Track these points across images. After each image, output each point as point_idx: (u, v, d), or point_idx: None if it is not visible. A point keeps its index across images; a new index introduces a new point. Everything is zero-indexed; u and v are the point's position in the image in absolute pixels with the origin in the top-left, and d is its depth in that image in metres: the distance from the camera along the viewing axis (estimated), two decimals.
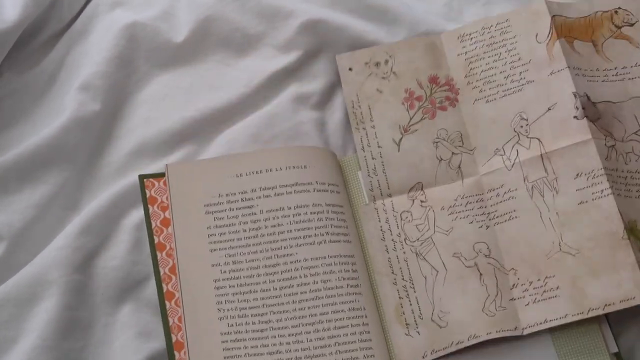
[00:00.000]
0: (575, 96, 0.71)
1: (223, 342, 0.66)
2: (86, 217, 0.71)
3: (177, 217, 0.70)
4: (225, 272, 0.69)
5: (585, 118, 0.70)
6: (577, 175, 0.69)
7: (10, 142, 0.75)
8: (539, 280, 0.67)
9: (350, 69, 0.78)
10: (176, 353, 0.66)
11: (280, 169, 0.72)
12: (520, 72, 0.75)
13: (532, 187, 0.70)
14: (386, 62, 0.78)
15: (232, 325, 0.67)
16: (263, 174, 0.72)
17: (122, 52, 0.79)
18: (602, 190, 0.68)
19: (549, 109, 0.72)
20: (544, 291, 0.67)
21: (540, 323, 0.66)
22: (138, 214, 0.73)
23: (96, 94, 0.76)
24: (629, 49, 0.75)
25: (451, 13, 0.82)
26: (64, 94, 0.77)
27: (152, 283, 0.70)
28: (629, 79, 0.74)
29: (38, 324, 0.67)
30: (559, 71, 0.73)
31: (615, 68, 0.74)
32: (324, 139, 0.77)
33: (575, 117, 0.71)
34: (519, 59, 0.75)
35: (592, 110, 0.71)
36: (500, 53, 0.76)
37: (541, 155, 0.71)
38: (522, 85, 0.74)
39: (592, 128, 0.70)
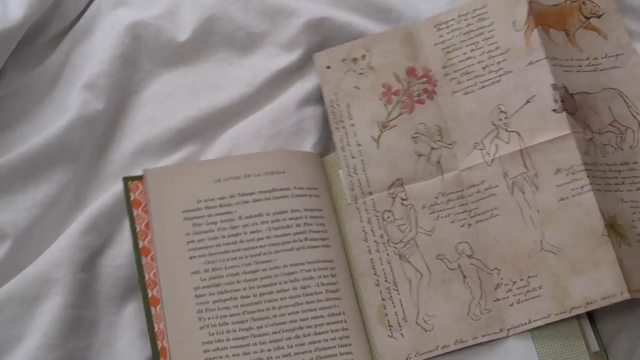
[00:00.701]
0: (554, 88, 0.70)
1: (205, 351, 0.66)
2: (90, 216, 0.71)
3: (156, 223, 0.70)
4: (205, 279, 0.68)
5: (564, 111, 0.69)
6: (557, 171, 0.69)
7: (15, 141, 0.75)
8: (521, 280, 0.67)
9: (328, 67, 0.77)
10: None
11: (259, 174, 0.72)
12: (499, 62, 0.73)
13: (512, 184, 0.70)
14: (363, 57, 0.77)
15: (214, 334, 0.67)
16: (241, 180, 0.72)
17: (126, 51, 0.79)
18: (582, 187, 0.67)
19: (528, 101, 0.71)
20: (527, 291, 0.67)
21: (525, 324, 0.66)
22: None
23: (100, 92, 0.76)
24: (599, 40, 0.74)
25: None
26: (68, 93, 0.77)
27: None
28: (601, 70, 0.73)
29: (43, 322, 0.67)
30: (537, 61, 0.72)
31: (588, 58, 0.73)
32: (326, 136, 0.77)
33: (554, 110, 0.70)
34: (497, 48, 0.74)
35: (570, 103, 0.70)
36: (478, 42, 0.75)
37: (521, 150, 0.70)
38: (500, 75, 0.73)
39: (571, 122, 0.69)
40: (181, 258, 0.69)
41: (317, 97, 0.78)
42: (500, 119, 0.72)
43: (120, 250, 0.71)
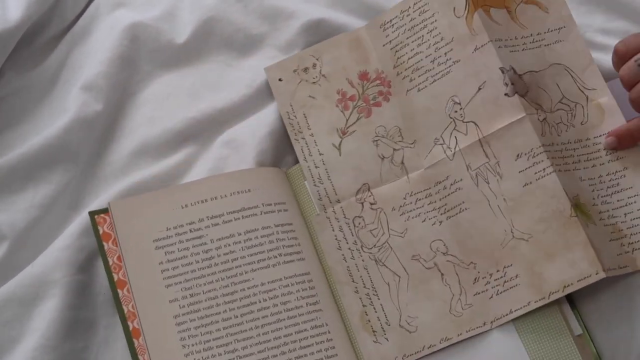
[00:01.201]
0: (502, 71, 0.69)
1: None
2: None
3: (128, 255, 0.69)
4: (184, 306, 0.68)
5: (515, 94, 0.68)
6: (518, 156, 0.68)
7: (13, 141, 0.75)
8: (498, 271, 0.67)
9: (280, 80, 0.77)
10: None
11: (225, 195, 0.71)
12: (446, 53, 0.73)
13: (476, 175, 0.69)
14: (314, 65, 0.76)
15: (199, 359, 0.66)
16: (209, 203, 0.71)
17: (125, 53, 0.79)
18: (544, 169, 0.66)
19: (480, 89, 0.70)
20: (505, 281, 0.66)
21: (506, 314, 0.66)
22: None
23: (99, 94, 0.76)
24: (540, 14, 0.73)
25: None
26: (67, 94, 0.77)
27: None
28: (545, 45, 0.72)
29: (41, 323, 0.67)
30: (482, 46, 0.71)
31: (531, 35, 0.72)
32: None
33: (506, 94, 0.69)
34: (442, 39, 0.73)
35: (520, 84, 0.69)
36: (423, 35, 0.74)
37: (479, 140, 0.69)
38: (450, 66, 0.72)
39: (523, 104, 0.68)
40: (157, 287, 0.68)
41: None
42: (456, 111, 0.71)
43: None
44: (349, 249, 0.71)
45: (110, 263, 0.69)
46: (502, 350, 0.66)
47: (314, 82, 0.76)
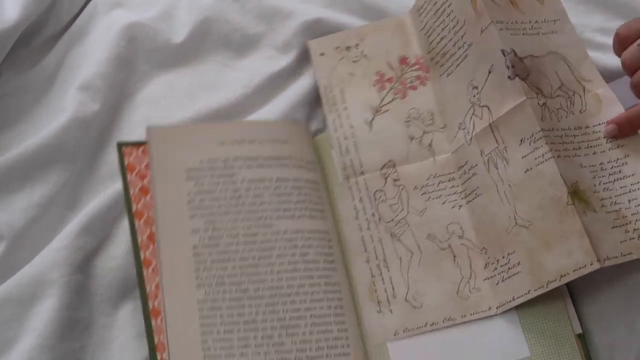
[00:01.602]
0: (503, 54, 0.69)
1: (200, 310, 0.66)
2: (86, 217, 0.71)
3: (158, 181, 0.69)
4: (204, 239, 0.68)
5: (516, 77, 0.68)
6: (521, 141, 0.67)
7: (11, 141, 0.75)
8: (503, 257, 0.67)
9: (322, 54, 0.78)
10: (153, 320, 0.66)
11: (262, 141, 0.72)
12: (462, 36, 0.73)
13: (487, 160, 0.69)
14: (357, 45, 0.78)
15: (210, 293, 0.66)
16: (245, 145, 0.72)
17: (122, 53, 0.79)
18: (542, 155, 0.65)
19: (490, 72, 0.70)
20: (509, 268, 0.66)
21: (509, 301, 0.66)
22: None
23: (96, 94, 0.76)
24: (536, 5, 0.73)
25: None
26: (64, 94, 0.77)
27: None
28: (543, 33, 0.72)
29: (38, 323, 0.67)
30: (486, 28, 0.70)
31: (530, 21, 0.72)
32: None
33: (508, 77, 0.68)
34: (457, 22, 0.73)
35: (521, 67, 0.69)
36: (444, 19, 0.75)
37: (490, 124, 0.69)
38: (466, 50, 0.72)
39: (524, 87, 0.68)
40: (181, 217, 0.69)
41: (313, 99, 0.78)
42: (474, 95, 0.71)
43: (116, 251, 0.71)
44: (367, 219, 0.71)
45: (131, 193, 0.70)
46: (502, 338, 0.66)
47: (354, 61, 0.77)
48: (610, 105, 0.69)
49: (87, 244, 0.71)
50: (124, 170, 0.71)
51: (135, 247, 0.68)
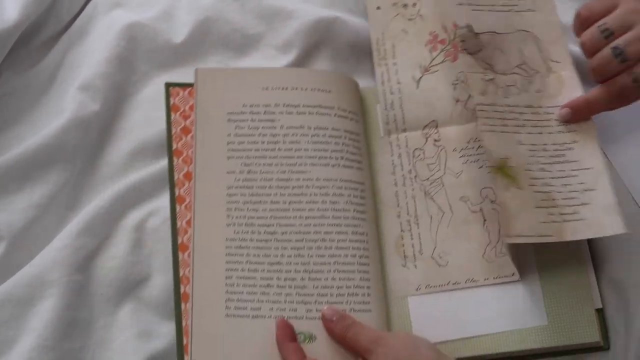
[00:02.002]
0: (455, 28, 0.72)
1: (227, 247, 0.68)
2: (86, 217, 0.71)
3: (200, 122, 0.72)
4: (239, 180, 0.70)
5: (464, 51, 0.71)
6: None
7: (10, 141, 0.75)
8: None
9: (378, 8, 0.79)
10: (180, 254, 0.69)
11: (306, 89, 0.74)
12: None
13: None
14: (414, 5, 0.79)
15: (238, 232, 0.69)
16: (288, 91, 0.74)
17: (122, 53, 0.79)
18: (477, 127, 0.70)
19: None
20: None
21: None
22: (138, 214, 0.73)
23: (96, 94, 0.76)
24: None
25: None
26: (64, 94, 0.77)
27: (152, 283, 0.70)
28: (516, 11, 0.74)
29: (38, 323, 0.67)
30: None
31: None
32: None
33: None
34: None
35: (472, 43, 0.72)
36: None
37: None
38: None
39: (468, 62, 0.71)
40: (219, 157, 0.71)
41: None
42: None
43: (116, 251, 0.71)
44: (403, 175, 0.73)
45: (173, 132, 0.72)
46: (522, 304, 0.67)
47: (409, 19, 0.78)
48: (571, 88, 0.71)
49: (87, 244, 0.71)
50: (168, 109, 0.74)
51: (172, 184, 0.71)
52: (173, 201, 0.71)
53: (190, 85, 0.75)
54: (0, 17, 0.76)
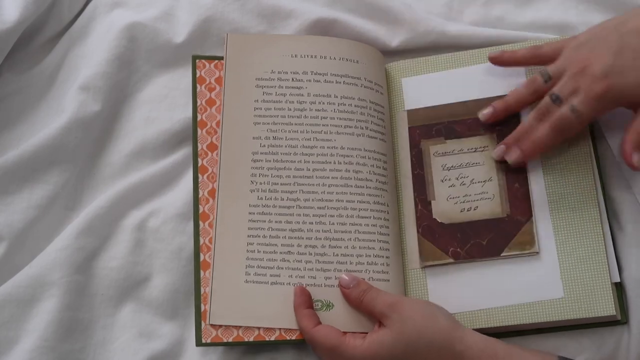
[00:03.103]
0: None
1: (250, 213, 0.69)
2: (86, 217, 0.71)
3: (228, 87, 0.73)
4: (264, 146, 0.71)
5: None
6: None
7: (11, 142, 0.75)
8: None
9: None
10: (201, 223, 0.69)
11: (334, 58, 0.75)
12: None
13: None
14: None
15: (262, 198, 0.70)
16: (317, 59, 0.75)
17: (122, 53, 0.78)
18: None
19: None
20: None
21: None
22: (138, 214, 0.73)
23: (96, 94, 0.76)
24: None
25: (451, 13, 0.82)
26: (64, 95, 0.77)
27: (153, 284, 0.71)
28: None
29: (38, 324, 0.67)
30: None
31: None
32: None
33: None
34: None
35: None
36: None
37: None
38: None
39: None
40: (246, 122, 0.72)
41: None
42: None
43: (116, 252, 0.71)
44: None
45: (198, 104, 0.73)
46: (539, 276, 0.68)
47: None
48: None
49: (88, 245, 0.71)
50: (194, 82, 0.74)
51: (195, 155, 0.72)
52: (195, 171, 0.71)
53: (215, 58, 0.76)
54: (1, 18, 0.76)
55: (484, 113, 0.71)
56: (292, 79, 0.74)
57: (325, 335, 0.64)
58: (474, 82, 0.74)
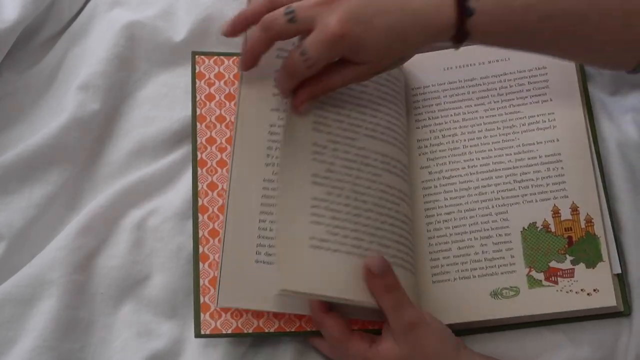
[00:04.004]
0: None
1: (264, 188, 0.67)
2: (86, 217, 0.71)
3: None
4: (282, 118, 0.69)
5: None
6: None
7: (10, 141, 0.75)
8: None
9: None
10: (200, 216, 0.69)
11: None
12: None
13: None
14: None
15: (277, 173, 0.67)
16: None
17: (122, 52, 0.78)
18: None
19: None
20: None
21: None
22: (138, 213, 0.73)
23: (96, 93, 0.76)
24: None
25: None
26: (64, 94, 0.77)
27: (153, 283, 0.71)
28: None
29: (38, 324, 0.67)
30: None
31: None
32: None
33: None
34: None
35: None
36: None
37: None
38: None
39: None
40: (264, 94, 0.70)
41: None
42: None
43: (116, 251, 0.71)
44: None
45: (197, 99, 0.74)
46: None
47: None
48: None
49: (87, 244, 0.71)
50: (193, 77, 0.74)
51: (194, 148, 0.72)
52: (195, 164, 0.71)
53: (214, 54, 0.76)
54: (0, 17, 0.76)
55: (223, 27, 0.67)
56: None
57: (334, 325, 0.63)
58: None
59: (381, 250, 0.65)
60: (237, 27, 0.67)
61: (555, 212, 0.68)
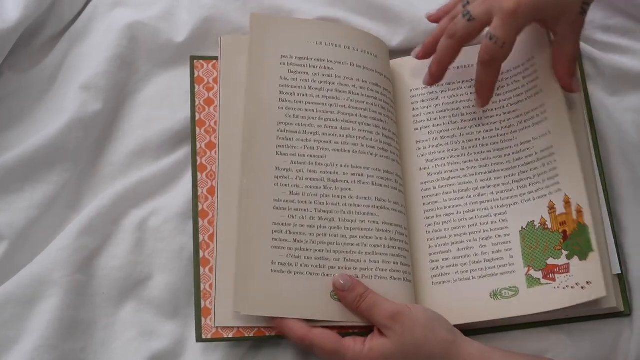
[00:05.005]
0: None
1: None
2: (87, 217, 0.71)
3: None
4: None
5: None
6: None
7: (12, 142, 0.75)
8: None
9: None
10: (200, 221, 0.70)
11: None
12: None
13: None
14: None
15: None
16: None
17: (123, 52, 0.78)
18: None
19: None
20: None
21: None
22: (139, 213, 0.73)
23: (97, 93, 0.76)
24: None
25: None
26: (65, 94, 0.77)
27: (154, 283, 0.71)
28: None
29: (39, 324, 0.67)
30: None
31: None
32: None
33: None
34: None
35: None
36: None
37: None
38: None
39: None
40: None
41: None
42: None
43: (117, 251, 0.71)
44: None
45: (197, 103, 0.74)
46: None
47: None
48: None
49: (89, 244, 0.71)
50: (192, 82, 0.75)
51: (194, 153, 0.72)
52: (194, 169, 0.71)
53: (212, 58, 0.76)
54: (1, 17, 0.76)
55: (415, 51, 0.74)
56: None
57: (323, 339, 0.64)
58: None
59: (349, 265, 0.67)
60: (428, 50, 0.73)
61: (551, 208, 0.68)
